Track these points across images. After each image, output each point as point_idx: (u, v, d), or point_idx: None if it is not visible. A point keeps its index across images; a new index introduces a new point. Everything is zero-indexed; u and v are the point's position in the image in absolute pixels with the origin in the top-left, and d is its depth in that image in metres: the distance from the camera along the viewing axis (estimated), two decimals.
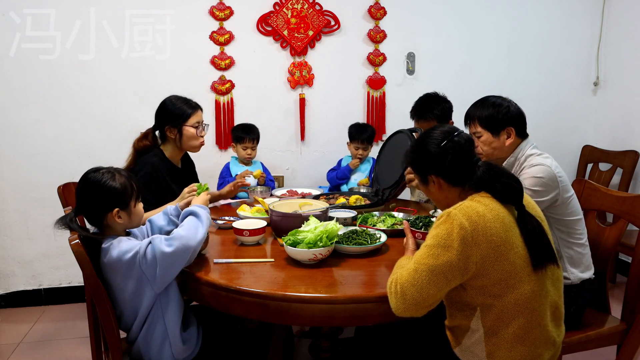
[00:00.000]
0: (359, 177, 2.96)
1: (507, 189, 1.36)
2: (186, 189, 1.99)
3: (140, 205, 1.62)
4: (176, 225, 1.67)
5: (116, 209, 1.52)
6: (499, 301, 1.32)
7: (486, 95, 1.97)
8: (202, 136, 2.31)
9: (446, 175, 1.43)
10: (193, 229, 1.54)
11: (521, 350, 1.33)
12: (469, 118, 1.95)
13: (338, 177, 2.97)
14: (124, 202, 1.54)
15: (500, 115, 1.85)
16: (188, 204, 1.80)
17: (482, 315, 1.34)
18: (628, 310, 1.86)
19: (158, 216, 1.76)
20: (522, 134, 1.90)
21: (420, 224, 1.81)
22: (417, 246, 1.58)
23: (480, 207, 1.32)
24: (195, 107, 2.29)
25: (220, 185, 2.92)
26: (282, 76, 3.25)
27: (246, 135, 2.90)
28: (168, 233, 1.57)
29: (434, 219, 1.89)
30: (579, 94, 3.66)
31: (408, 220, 1.80)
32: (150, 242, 1.48)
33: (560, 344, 1.43)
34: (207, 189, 1.93)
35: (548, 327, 1.37)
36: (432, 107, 2.51)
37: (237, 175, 2.83)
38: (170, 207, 1.78)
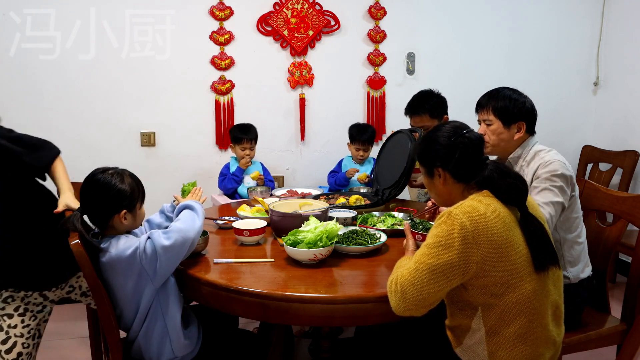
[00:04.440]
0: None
1: (512, 189, 1.35)
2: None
3: (143, 208, 1.64)
4: (172, 221, 1.69)
5: (124, 211, 1.54)
6: (500, 300, 1.32)
7: None
8: None
9: (453, 169, 1.42)
10: (190, 221, 1.57)
11: (522, 350, 1.33)
12: (481, 105, 1.94)
13: (337, 184, 2.97)
14: (131, 204, 1.56)
15: (516, 109, 1.86)
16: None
17: (484, 314, 1.34)
18: (628, 310, 1.86)
19: (155, 215, 1.80)
20: (531, 131, 1.91)
21: (420, 226, 1.81)
22: (417, 247, 1.58)
23: (481, 206, 1.32)
24: None
25: (221, 182, 2.92)
26: (282, 76, 3.25)
27: (244, 135, 2.90)
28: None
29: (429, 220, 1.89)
30: (579, 94, 3.66)
31: (408, 222, 1.81)
32: (149, 237, 1.50)
33: (561, 343, 1.43)
34: (194, 186, 1.94)
35: (549, 327, 1.37)
36: (423, 102, 2.58)
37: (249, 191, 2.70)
38: (166, 205, 1.80)
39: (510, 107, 1.86)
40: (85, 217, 1.59)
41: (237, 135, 2.91)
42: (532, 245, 1.33)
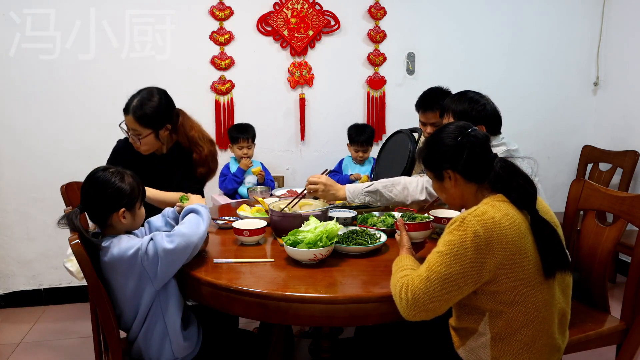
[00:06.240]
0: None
1: (521, 191, 1.33)
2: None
3: (143, 208, 1.64)
4: (173, 227, 1.68)
5: (122, 209, 1.54)
6: (509, 308, 1.30)
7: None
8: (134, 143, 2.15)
9: (463, 170, 1.39)
10: (194, 226, 1.57)
11: (527, 357, 1.32)
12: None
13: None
14: (130, 203, 1.56)
15: (474, 112, 1.88)
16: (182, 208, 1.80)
17: (491, 320, 1.33)
18: (628, 310, 1.85)
19: (157, 217, 1.79)
20: (494, 132, 1.92)
21: (406, 219, 1.80)
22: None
23: (496, 213, 1.28)
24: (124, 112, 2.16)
25: (221, 183, 2.92)
26: (282, 76, 3.25)
27: (240, 135, 2.91)
28: None
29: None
30: (579, 94, 3.66)
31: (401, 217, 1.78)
32: (151, 239, 1.50)
33: (564, 349, 1.42)
34: (186, 199, 1.87)
35: (555, 335, 1.36)
36: (437, 98, 2.51)
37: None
38: (168, 209, 1.79)
39: (469, 111, 1.89)
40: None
41: (234, 134, 2.93)
42: (543, 250, 1.30)
